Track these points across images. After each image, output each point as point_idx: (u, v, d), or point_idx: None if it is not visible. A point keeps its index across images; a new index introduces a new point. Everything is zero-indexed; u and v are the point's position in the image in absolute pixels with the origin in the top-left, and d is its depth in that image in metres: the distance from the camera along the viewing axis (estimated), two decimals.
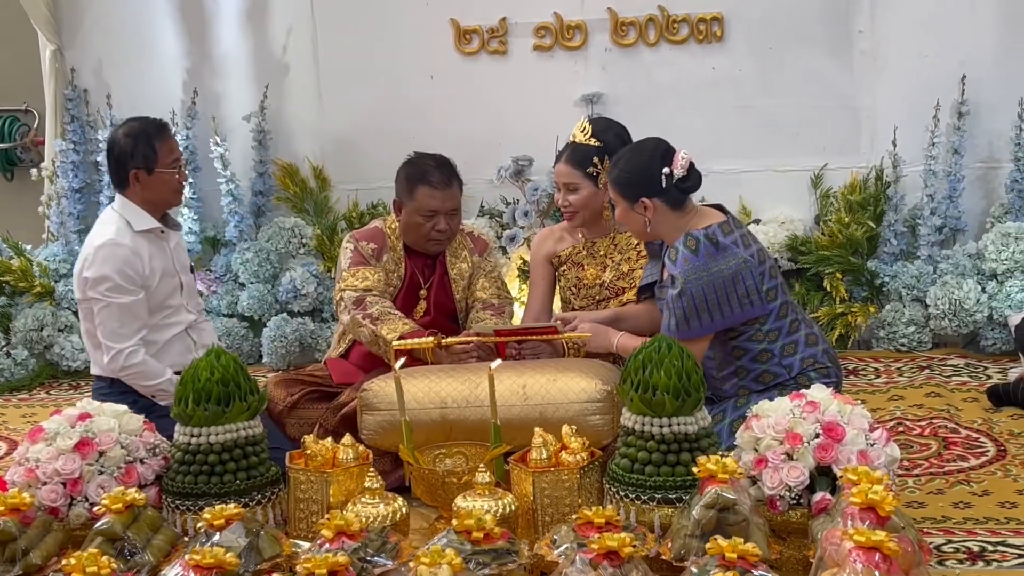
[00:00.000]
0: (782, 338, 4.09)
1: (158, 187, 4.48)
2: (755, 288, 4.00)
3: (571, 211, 4.57)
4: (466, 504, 3.43)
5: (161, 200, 4.52)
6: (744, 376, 4.11)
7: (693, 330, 3.97)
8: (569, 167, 4.55)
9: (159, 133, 4.51)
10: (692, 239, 3.98)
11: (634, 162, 4.14)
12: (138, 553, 3.27)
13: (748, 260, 4.01)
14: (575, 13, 6.25)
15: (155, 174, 4.45)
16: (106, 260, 4.35)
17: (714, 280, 3.94)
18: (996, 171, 6.03)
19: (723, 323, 3.99)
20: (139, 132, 4.46)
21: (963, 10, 5.90)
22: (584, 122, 4.64)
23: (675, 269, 3.98)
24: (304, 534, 3.60)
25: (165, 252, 4.53)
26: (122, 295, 4.35)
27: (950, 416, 4.85)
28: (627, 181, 4.12)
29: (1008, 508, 3.92)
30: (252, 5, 6.58)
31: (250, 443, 3.65)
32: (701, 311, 3.95)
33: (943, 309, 5.75)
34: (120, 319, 4.36)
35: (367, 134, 6.46)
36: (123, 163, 4.45)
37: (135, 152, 4.43)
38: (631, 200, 4.10)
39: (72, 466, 3.56)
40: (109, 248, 4.37)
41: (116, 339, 4.37)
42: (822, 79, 6.08)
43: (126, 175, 4.45)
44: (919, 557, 2.95)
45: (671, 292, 4.00)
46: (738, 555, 2.90)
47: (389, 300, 4.56)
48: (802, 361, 4.09)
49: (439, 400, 4.03)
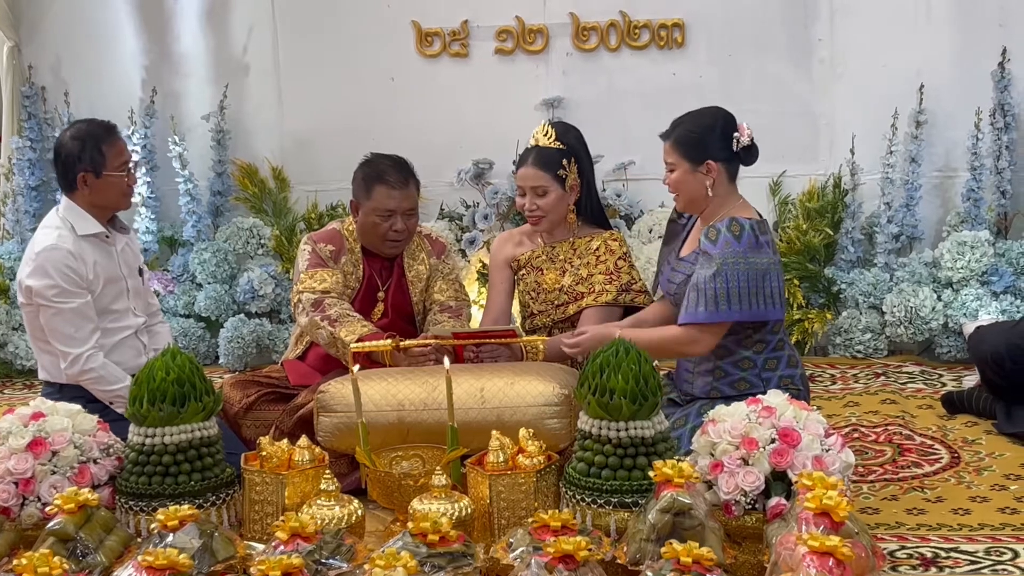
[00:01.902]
0: (767, 351, 4.10)
1: (106, 191, 4.41)
2: (779, 291, 4.01)
3: (538, 215, 4.55)
4: (422, 507, 3.42)
5: (109, 204, 4.47)
6: (720, 378, 4.11)
7: (721, 313, 3.91)
8: (537, 170, 4.52)
9: (107, 136, 4.44)
10: (737, 224, 3.95)
11: (704, 122, 4.12)
12: (90, 554, 3.24)
13: (778, 263, 4.03)
14: (537, 17, 6.27)
15: (103, 177, 4.38)
16: (49, 266, 4.28)
17: (749, 270, 3.91)
18: (952, 180, 6.08)
19: (746, 315, 3.94)
20: (87, 135, 4.40)
21: (921, 20, 5.96)
22: (546, 126, 4.63)
23: (714, 249, 3.93)
24: (259, 536, 3.58)
25: (111, 256, 4.46)
26: (71, 299, 4.30)
27: (905, 423, 4.88)
28: (696, 141, 4.07)
29: (961, 515, 3.94)
30: (213, 4, 6.55)
31: (205, 444, 3.63)
32: (732, 297, 3.90)
33: (899, 317, 5.80)
34: (73, 323, 4.31)
35: (327, 135, 6.45)
36: (70, 166, 4.38)
37: (82, 155, 4.36)
38: (696, 161, 4.06)
39: (24, 466, 3.53)
40: (50, 253, 4.30)
41: (72, 344, 4.32)
42: (782, 86, 6.12)
43: (74, 178, 4.38)
44: (873, 562, 2.97)
45: (704, 272, 3.94)
46: (693, 559, 2.91)
47: (347, 302, 4.55)
48: (780, 379, 4.08)
49: (396, 402, 4.02)
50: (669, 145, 4.13)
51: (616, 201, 6.14)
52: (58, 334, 4.31)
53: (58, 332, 4.31)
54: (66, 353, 4.31)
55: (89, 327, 4.34)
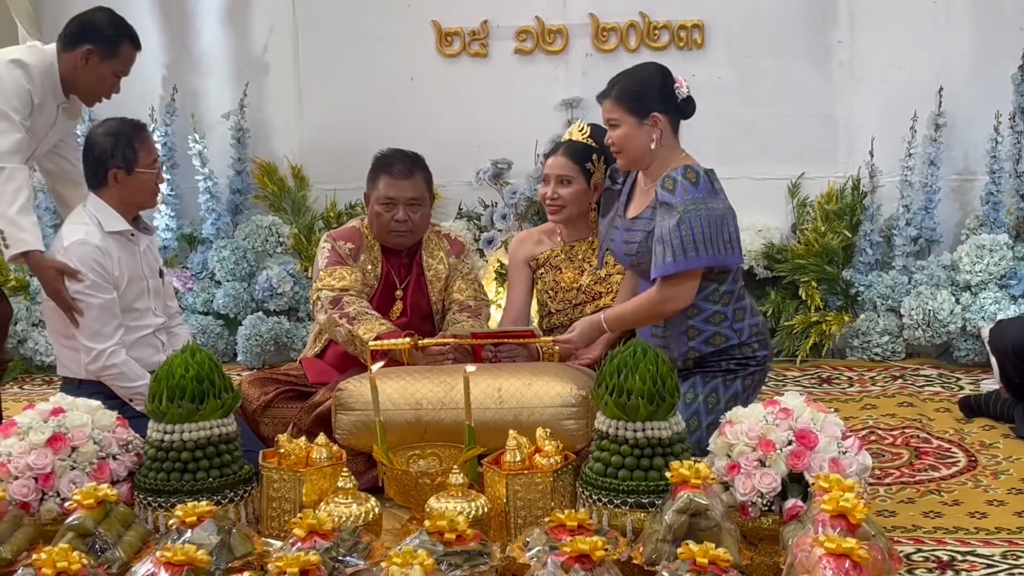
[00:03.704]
0: (734, 302, 4.10)
1: (135, 188, 4.44)
2: (736, 236, 4.03)
3: (558, 204, 4.57)
4: (439, 505, 3.42)
5: (136, 201, 4.49)
6: (694, 336, 4.10)
7: (690, 260, 3.91)
8: (566, 159, 4.57)
9: (139, 133, 4.48)
10: (692, 171, 3.97)
11: (643, 75, 4.14)
12: (109, 549, 3.25)
13: (731, 209, 4.04)
14: (557, 17, 6.27)
15: (134, 174, 4.40)
16: (78, 260, 4.30)
17: (710, 216, 3.92)
18: (971, 183, 6.07)
19: (711, 260, 3.94)
20: (120, 132, 4.43)
21: (941, 23, 5.95)
22: (582, 123, 4.70)
23: (673, 198, 3.92)
24: (276, 533, 3.59)
25: (134, 255, 4.48)
26: (99, 293, 4.32)
27: (922, 426, 4.87)
28: (638, 94, 4.08)
29: (978, 518, 3.94)
30: (233, 3, 6.57)
31: (223, 441, 3.64)
32: (699, 243, 3.90)
33: (917, 319, 5.79)
34: (99, 319, 4.33)
35: (346, 134, 6.45)
36: (103, 162, 4.40)
37: (115, 152, 4.38)
38: (640, 115, 4.07)
39: (44, 461, 3.54)
40: (79, 247, 4.32)
41: (97, 339, 4.33)
42: (801, 88, 6.11)
43: (105, 174, 4.41)
44: (889, 565, 2.96)
45: (667, 223, 3.93)
46: (709, 560, 2.91)
47: (366, 300, 4.56)
48: (749, 328, 4.12)
49: (414, 401, 4.03)
50: (611, 102, 4.13)
51: None
52: (84, 329, 4.32)
53: (84, 327, 4.32)
54: (90, 348, 4.32)
55: (114, 323, 4.36)
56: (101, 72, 4.64)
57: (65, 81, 4.63)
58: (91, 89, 4.69)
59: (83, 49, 4.57)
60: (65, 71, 4.62)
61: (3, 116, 4.46)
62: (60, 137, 4.86)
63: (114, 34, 4.64)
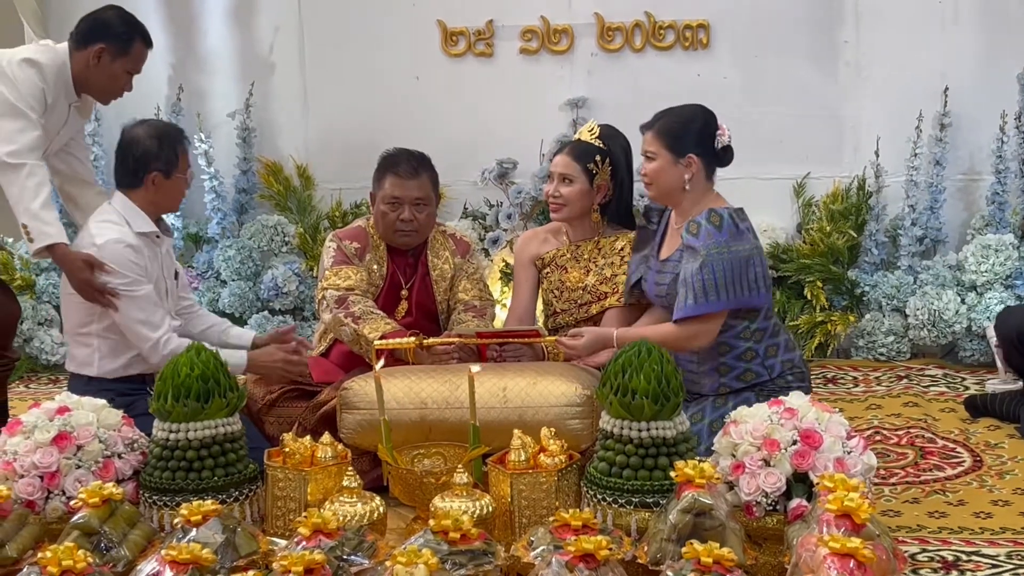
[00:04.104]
0: (766, 339, 4.12)
1: (169, 192, 4.41)
2: (763, 276, 4.06)
3: (559, 203, 4.58)
4: (444, 504, 3.43)
5: (166, 205, 4.48)
6: (726, 374, 4.12)
7: (711, 303, 3.96)
8: (569, 158, 4.58)
9: (182, 139, 4.47)
10: (716, 215, 4.00)
11: (687, 116, 4.16)
12: (114, 548, 3.26)
13: (759, 248, 4.08)
14: (562, 17, 6.27)
15: (172, 179, 4.38)
16: (115, 258, 4.26)
17: (733, 259, 3.96)
18: (977, 183, 6.06)
19: (732, 303, 3.98)
20: (164, 135, 4.40)
21: (947, 23, 5.94)
22: (593, 123, 4.69)
23: (697, 242, 3.97)
24: (281, 532, 3.60)
25: (156, 257, 4.45)
26: (140, 286, 4.28)
27: (927, 426, 4.87)
28: (680, 133, 4.12)
29: (983, 518, 3.94)
30: (239, 3, 6.58)
31: (228, 440, 3.65)
32: (720, 287, 3.94)
33: (922, 319, 5.79)
34: (146, 308, 4.28)
35: (352, 134, 6.45)
36: (144, 164, 4.35)
37: (160, 155, 4.35)
38: (678, 153, 4.10)
39: (49, 460, 3.55)
40: (115, 246, 4.27)
41: (149, 329, 4.28)
42: (806, 88, 6.11)
43: (143, 176, 4.36)
44: (893, 565, 2.96)
45: (690, 266, 3.98)
46: (714, 560, 2.91)
47: (371, 300, 4.57)
48: (782, 364, 4.13)
49: (419, 400, 4.04)
50: (652, 135, 4.16)
51: (639, 201, 6.13)
52: (133, 323, 4.27)
53: (133, 320, 4.27)
54: (145, 338, 4.28)
55: (160, 311, 4.33)
56: (113, 70, 4.64)
57: (77, 80, 4.63)
58: (104, 87, 4.70)
59: (95, 47, 4.58)
60: (77, 70, 4.62)
61: (20, 114, 4.46)
62: (71, 136, 4.86)
63: (126, 32, 4.65)
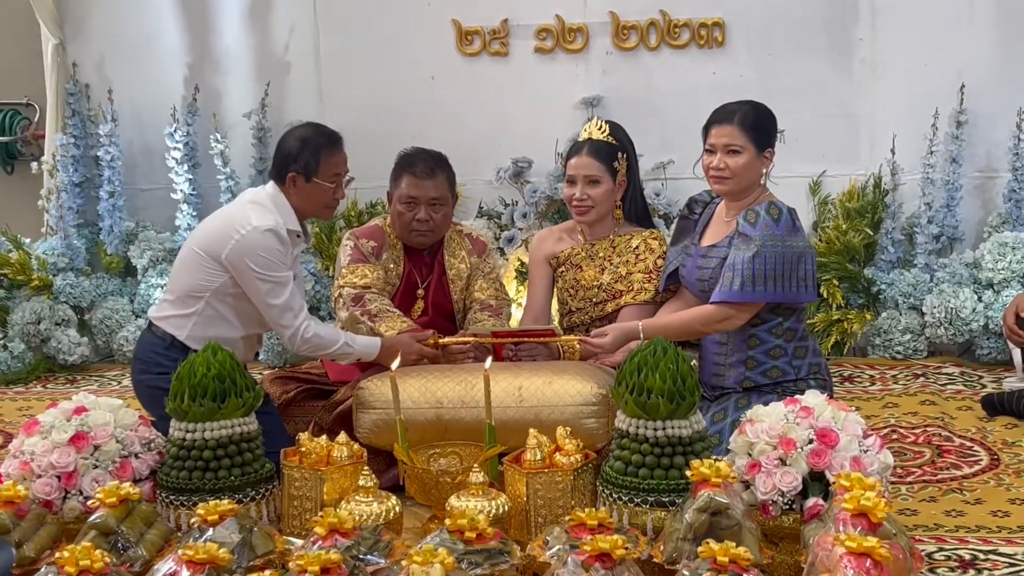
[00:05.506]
0: (796, 340, 4.16)
1: (310, 196, 4.39)
2: (812, 275, 4.09)
3: (587, 205, 4.57)
4: (459, 504, 3.43)
5: (310, 210, 4.45)
6: (752, 368, 4.15)
7: (757, 294, 4.01)
8: (593, 159, 4.56)
9: (328, 144, 4.43)
10: (776, 208, 4.06)
11: (764, 110, 4.24)
12: (131, 547, 3.27)
13: (811, 248, 4.14)
14: (577, 16, 6.27)
15: (312, 183, 4.36)
16: (267, 247, 4.25)
17: (786, 253, 4.01)
18: (994, 181, 6.05)
19: (779, 297, 4.04)
20: (309, 138, 4.39)
21: (963, 20, 5.92)
22: (600, 121, 4.68)
23: (753, 231, 4.02)
24: (297, 531, 3.61)
25: (290, 255, 4.42)
26: (287, 271, 4.31)
27: (944, 424, 4.85)
28: (763, 126, 4.19)
29: (1000, 517, 3.92)
30: (255, 3, 6.59)
31: (245, 439, 3.66)
32: (769, 278, 3.99)
33: (939, 318, 5.77)
34: (291, 297, 4.30)
35: (367, 133, 6.40)
36: (285, 163, 4.37)
37: (299, 156, 4.34)
38: (762, 148, 4.17)
39: (67, 459, 3.56)
40: (272, 236, 4.26)
41: (291, 317, 4.30)
42: (822, 86, 6.10)
43: (285, 174, 4.38)
44: (910, 564, 2.96)
45: (742, 254, 4.02)
46: (730, 559, 2.91)
47: (388, 298, 4.57)
48: (809, 367, 4.18)
49: (435, 400, 4.04)
50: (735, 129, 4.17)
51: (655, 200, 6.13)
52: (276, 306, 4.28)
53: (276, 304, 4.28)
54: (284, 327, 4.30)
55: (299, 299, 4.36)
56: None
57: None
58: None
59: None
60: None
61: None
62: None
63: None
